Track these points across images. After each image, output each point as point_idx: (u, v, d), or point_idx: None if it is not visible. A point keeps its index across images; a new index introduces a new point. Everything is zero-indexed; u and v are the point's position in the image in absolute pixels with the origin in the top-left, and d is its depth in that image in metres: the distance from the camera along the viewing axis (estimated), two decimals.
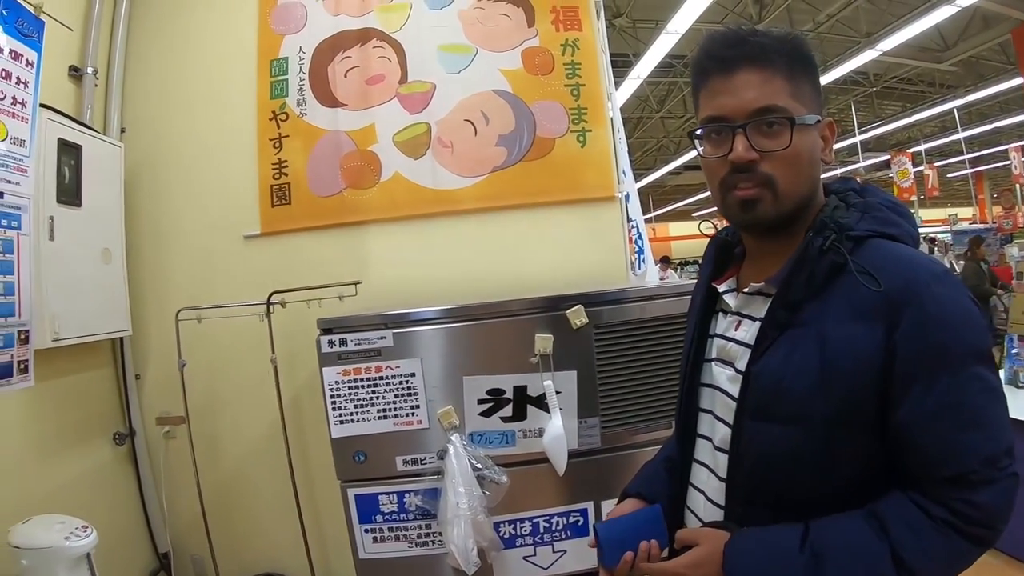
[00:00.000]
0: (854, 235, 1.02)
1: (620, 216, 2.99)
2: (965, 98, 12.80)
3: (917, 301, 0.94)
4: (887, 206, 1.08)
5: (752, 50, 1.04)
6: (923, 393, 0.93)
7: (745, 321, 1.14)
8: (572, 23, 3.05)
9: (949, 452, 0.93)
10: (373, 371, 2.12)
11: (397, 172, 2.93)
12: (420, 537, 2.17)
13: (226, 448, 2.98)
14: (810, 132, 1.05)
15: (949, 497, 0.93)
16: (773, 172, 1.03)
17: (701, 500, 1.20)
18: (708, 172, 1.11)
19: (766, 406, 1.04)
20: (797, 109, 1.03)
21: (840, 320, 0.99)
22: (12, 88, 1.89)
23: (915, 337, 0.94)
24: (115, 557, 2.63)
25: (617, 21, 8.76)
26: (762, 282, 1.11)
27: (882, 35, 9.10)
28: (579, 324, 2.13)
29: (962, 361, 0.94)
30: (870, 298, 0.96)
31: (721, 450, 1.15)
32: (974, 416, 0.94)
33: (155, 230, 3.01)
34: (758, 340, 1.07)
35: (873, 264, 0.98)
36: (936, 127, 16.80)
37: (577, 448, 2.15)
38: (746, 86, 1.04)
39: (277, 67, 3.00)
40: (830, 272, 1.01)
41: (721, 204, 1.10)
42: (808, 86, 1.07)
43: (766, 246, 1.13)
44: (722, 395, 1.15)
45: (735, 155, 1.03)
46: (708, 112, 1.08)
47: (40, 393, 2.35)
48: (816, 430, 0.99)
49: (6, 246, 1.87)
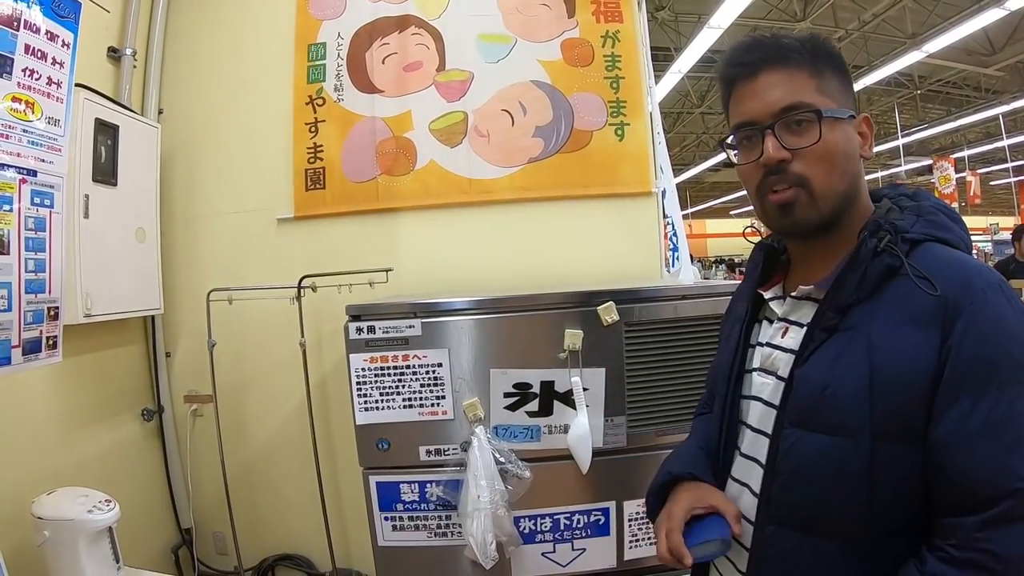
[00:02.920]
0: (909, 237, 0.99)
1: (656, 212, 2.95)
2: (1011, 104, 12.48)
3: (972, 310, 0.90)
4: (941, 210, 1.06)
5: (772, 51, 1.05)
6: (969, 408, 0.88)
7: (793, 328, 1.10)
8: (613, 15, 3.01)
9: (987, 474, 0.87)
10: (400, 360, 2.11)
11: (432, 160, 2.92)
12: (439, 528, 2.16)
13: (252, 429, 3.01)
14: (842, 126, 1.03)
15: (977, 539, 0.86)
16: (806, 171, 1.01)
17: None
18: (745, 181, 1.10)
19: (808, 413, 1.00)
20: (824, 103, 1.02)
21: (892, 324, 0.95)
22: (48, 68, 1.89)
23: (967, 348, 0.89)
24: (138, 531, 2.66)
25: (659, 14, 8.65)
26: (811, 285, 1.07)
27: (928, 36, 8.89)
28: (610, 321, 2.10)
29: (1013, 377, 0.88)
30: (926, 303, 0.92)
31: (754, 461, 1.11)
32: (1020, 438, 0.87)
33: (189, 211, 3.03)
34: (804, 343, 1.04)
35: (929, 268, 0.94)
36: (980, 133, 16.45)
37: (602, 446, 2.12)
38: (769, 87, 1.04)
39: (315, 52, 3.00)
40: (883, 275, 0.97)
41: (761, 211, 1.09)
42: (835, 81, 1.06)
43: (813, 251, 1.10)
44: (762, 405, 1.11)
45: (766, 156, 1.02)
46: (736, 119, 1.08)
47: (71, 367, 2.38)
48: (861, 442, 0.94)
49: (38, 224, 1.89)
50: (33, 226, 1.87)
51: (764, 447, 1.08)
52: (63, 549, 1.92)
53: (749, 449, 1.13)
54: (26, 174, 1.84)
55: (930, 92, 13.35)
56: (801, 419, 1.01)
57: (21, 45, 1.80)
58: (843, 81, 1.07)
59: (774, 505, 1.04)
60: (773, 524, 1.04)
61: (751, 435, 1.13)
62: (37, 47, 1.85)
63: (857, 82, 10.55)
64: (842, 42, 9.85)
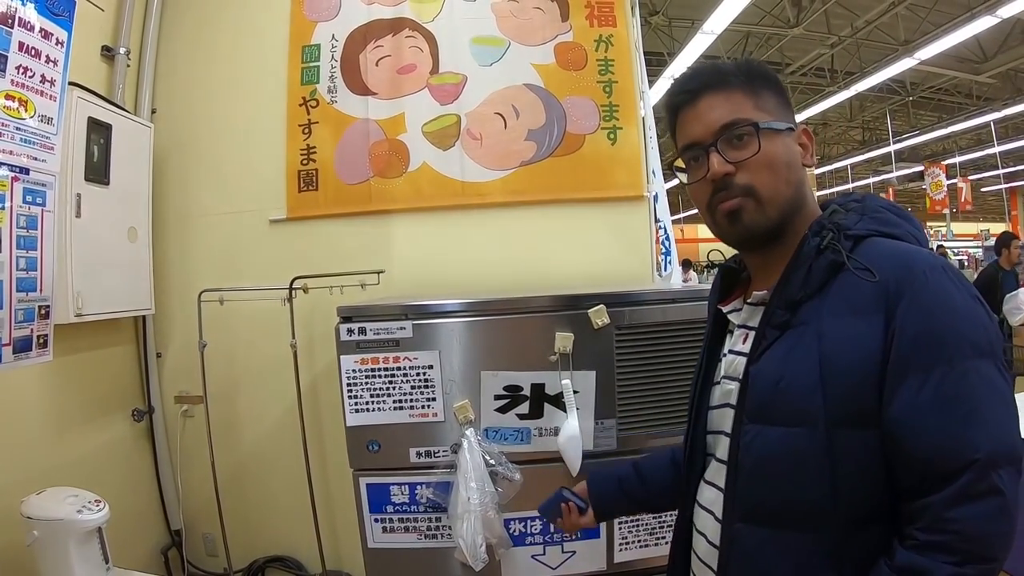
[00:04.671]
0: (852, 234, 1.02)
1: (648, 216, 2.96)
2: (1002, 111, 12.58)
3: (912, 290, 0.93)
4: (888, 209, 1.10)
5: (711, 77, 1.11)
6: (919, 384, 0.90)
7: (750, 333, 1.12)
8: (607, 19, 3.02)
9: (944, 448, 0.87)
10: (391, 361, 2.11)
11: (425, 162, 2.93)
12: (429, 530, 2.16)
13: (242, 430, 3.00)
14: (781, 137, 1.08)
15: (944, 519, 0.86)
16: (751, 180, 1.05)
17: (710, 521, 1.15)
18: (696, 201, 1.14)
19: (764, 408, 1.02)
20: (762, 118, 1.06)
21: (838, 315, 0.98)
22: (41, 66, 1.90)
23: (910, 327, 0.91)
24: (127, 532, 2.65)
25: (653, 19, 8.68)
26: (764, 291, 1.11)
27: (920, 43, 8.95)
28: (600, 324, 2.10)
29: (960, 352, 0.90)
30: (867, 290, 0.95)
31: (722, 462, 1.13)
32: (973, 410, 0.88)
33: (181, 211, 3.03)
34: (755, 341, 1.08)
35: (870, 259, 0.97)
36: (972, 140, 16.54)
37: (592, 449, 2.12)
38: (710, 108, 1.09)
39: (309, 53, 3.00)
40: (828, 271, 1.01)
41: (712, 225, 1.13)
42: (772, 99, 1.11)
43: (766, 261, 1.13)
44: (731, 410, 1.12)
45: (712, 172, 1.06)
46: (682, 141, 1.15)
47: (61, 367, 2.37)
48: (816, 431, 0.96)
49: (30, 222, 1.89)
50: (25, 224, 1.88)
51: (725, 446, 1.12)
52: (52, 549, 1.91)
53: (722, 454, 1.15)
54: (18, 172, 1.84)
55: (922, 99, 13.44)
56: (759, 414, 1.03)
57: (15, 42, 1.81)
58: (780, 98, 1.12)
59: (739, 501, 1.06)
60: (740, 521, 1.05)
61: (723, 440, 1.15)
62: (31, 45, 1.86)
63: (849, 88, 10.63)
64: (834, 48, 9.93)
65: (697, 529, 1.20)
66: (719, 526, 1.11)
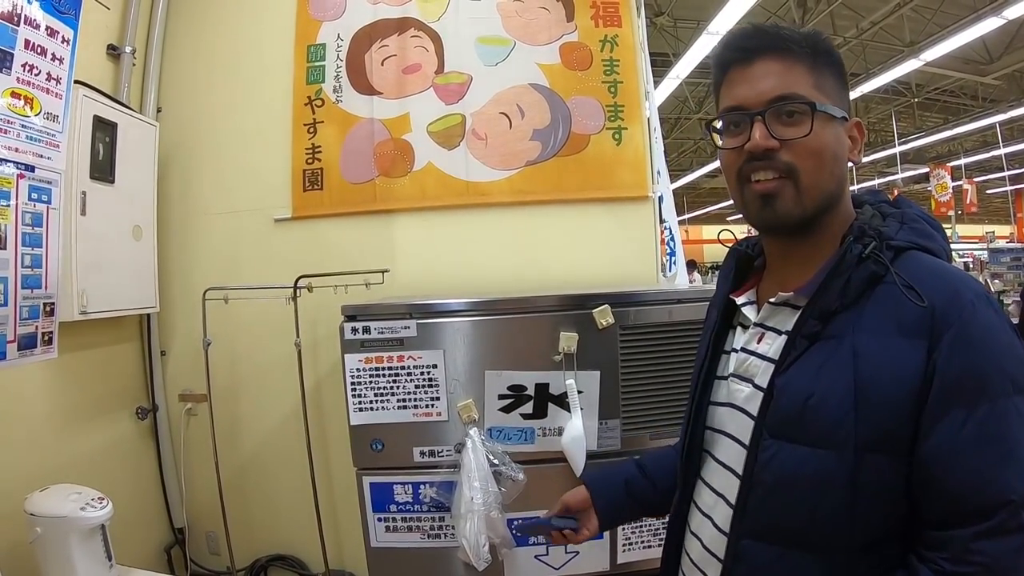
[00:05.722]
0: (894, 244, 0.97)
1: (653, 217, 2.95)
2: (1008, 113, 12.51)
3: (961, 321, 0.88)
4: (923, 218, 1.04)
5: (772, 40, 1.02)
6: (962, 421, 0.86)
7: (769, 334, 1.07)
8: (612, 19, 3.01)
9: (980, 486, 0.85)
10: (395, 360, 2.12)
11: (430, 162, 2.92)
12: (433, 529, 2.17)
13: (246, 428, 3.00)
14: (834, 125, 1.00)
15: (971, 550, 0.84)
16: (794, 160, 0.98)
17: (708, 525, 1.11)
18: (725, 166, 1.07)
19: (789, 424, 0.96)
20: (819, 99, 0.99)
21: (877, 334, 0.92)
22: (47, 64, 1.90)
23: (957, 360, 0.87)
24: (130, 529, 2.65)
25: (658, 19, 8.67)
26: (791, 292, 1.04)
27: (926, 45, 8.92)
28: (605, 324, 2.10)
29: (1004, 389, 0.86)
30: (911, 311, 0.90)
31: (729, 470, 1.08)
32: (1010, 450, 0.85)
33: (186, 209, 3.03)
34: (784, 352, 1.00)
35: (915, 277, 0.92)
36: (977, 141, 16.49)
37: (596, 449, 2.13)
38: (765, 74, 1.01)
39: (314, 53, 3.00)
40: (867, 282, 0.95)
41: (739, 200, 1.05)
42: (832, 80, 1.03)
43: (790, 254, 1.07)
44: (740, 414, 1.07)
45: (752, 143, 0.99)
46: (726, 103, 1.05)
47: (66, 364, 2.37)
48: (845, 454, 0.91)
49: (36, 220, 1.89)
50: (30, 221, 1.88)
51: (738, 455, 1.06)
52: (55, 546, 1.91)
53: (725, 457, 1.10)
54: (24, 169, 1.84)
55: (927, 100, 13.40)
56: (781, 430, 0.98)
57: (21, 40, 1.81)
58: (840, 82, 1.05)
59: (750, 518, 1.01)
60: (748, 537, 1.01)
61: (727, 443, 1.10)
62: (37, 43, 1.86)
63: (855, 90, 10.58)
64: (840, 50, 9.82)
65: (691, 531, 1.17)
66: (718, 535, 1.08)
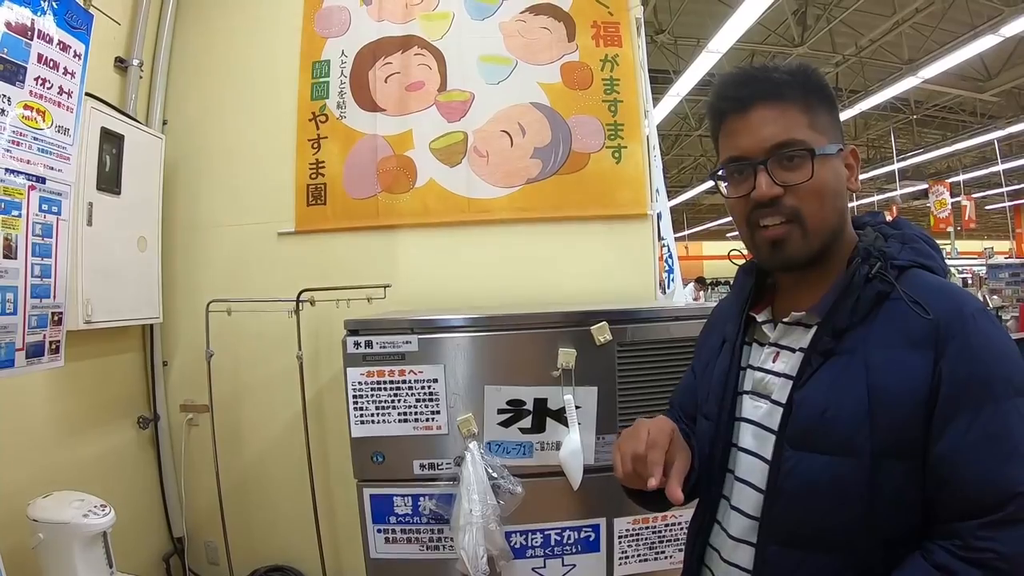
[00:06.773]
0: (897, 264, 1.03)
1: (651, 234, 2.99)
2: (1006, 129, 12.54)
3: (964, 333, 0.94)
4: (922, 238, 1.10)
5: (765, 86, 1.06)
6: (968, 423, 0.91)
7: (784, 352, 1.11)
8: (612, 39, 3.06)
9: (989, 482, 0.90)
10: (396, 374, 2.14)
11: (432, 179, 2.96)
12: (432, 541, 2.18)
13: (247, 439, 3.03)
14: (832, 162, 1.05)
15: (980, 537, 0.89)
16: (799, 204, 1.03)
17: (723, 536, 1.16)
18: (733, 213, 1.11)
19: (809, 435, 1.01)
20: (816, 140, 1.03)
21: (887, 346, 0.98)
22: (59, 78, 1.93)
23: (961, 368, 0.93)
24: (130, 537, 2.66)
25: (659, 37, 8.71)
26: (803, 311, 1.09)
27: (924, 62, 8.95)
28: (603, 341, 2.13)
29: (1005, 392, 0.92)
30: (918, 325, 0.96)
31: (749, 484, 1.11)
32: (1015, 448, 0.91)
33: (191, 221, 3.07)
34: (802, 367, 1.05)
35: (919, 293, 0.98)
36: (976, 158, 16.50)
37: (593, 464, 2.14)
38: (762, 123, 1.04)
39: (319, 69, 3.05)
40: (875, 300, 1.01)
41: (751, 244, 1.11)
42: (825, 115, 1.07)
43: (801, 280, 1.12)
44: (756, 428, 1.12)
45: (758, 193, 1.03)
46: (728, 152, 1.09)
47: (69, 373, 2.39)
48: (862, 460, 0.96)
49: (45, 230, 1.92)
50: (40, 232, 1.91)
51: (758, 470, 1.09)
52: (57, 552, 1.94)
53: (743, 472, 1.14)
54: (35, 181, 1.88)
55: (926, 117, 13.42)
56: (802, 441, 1.02)
57: (34, 54, 1.84)
58: (832, 114, 1.09)
59: (776, 526, 1.05)
60: (775, 544, 1.05)
61: (745, 458, 1.14)
62: (49, 57, 1.90)
63: (854, 107, 10.64)
64: (839, 67, 9.94)
65: (711, 544, 1.20)
66: (732, 542, 1.13)
